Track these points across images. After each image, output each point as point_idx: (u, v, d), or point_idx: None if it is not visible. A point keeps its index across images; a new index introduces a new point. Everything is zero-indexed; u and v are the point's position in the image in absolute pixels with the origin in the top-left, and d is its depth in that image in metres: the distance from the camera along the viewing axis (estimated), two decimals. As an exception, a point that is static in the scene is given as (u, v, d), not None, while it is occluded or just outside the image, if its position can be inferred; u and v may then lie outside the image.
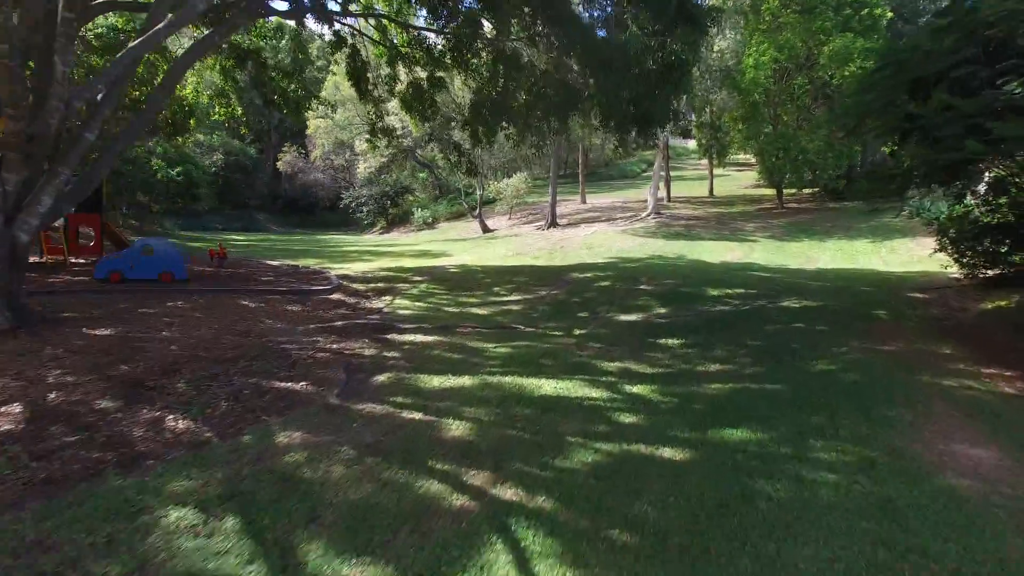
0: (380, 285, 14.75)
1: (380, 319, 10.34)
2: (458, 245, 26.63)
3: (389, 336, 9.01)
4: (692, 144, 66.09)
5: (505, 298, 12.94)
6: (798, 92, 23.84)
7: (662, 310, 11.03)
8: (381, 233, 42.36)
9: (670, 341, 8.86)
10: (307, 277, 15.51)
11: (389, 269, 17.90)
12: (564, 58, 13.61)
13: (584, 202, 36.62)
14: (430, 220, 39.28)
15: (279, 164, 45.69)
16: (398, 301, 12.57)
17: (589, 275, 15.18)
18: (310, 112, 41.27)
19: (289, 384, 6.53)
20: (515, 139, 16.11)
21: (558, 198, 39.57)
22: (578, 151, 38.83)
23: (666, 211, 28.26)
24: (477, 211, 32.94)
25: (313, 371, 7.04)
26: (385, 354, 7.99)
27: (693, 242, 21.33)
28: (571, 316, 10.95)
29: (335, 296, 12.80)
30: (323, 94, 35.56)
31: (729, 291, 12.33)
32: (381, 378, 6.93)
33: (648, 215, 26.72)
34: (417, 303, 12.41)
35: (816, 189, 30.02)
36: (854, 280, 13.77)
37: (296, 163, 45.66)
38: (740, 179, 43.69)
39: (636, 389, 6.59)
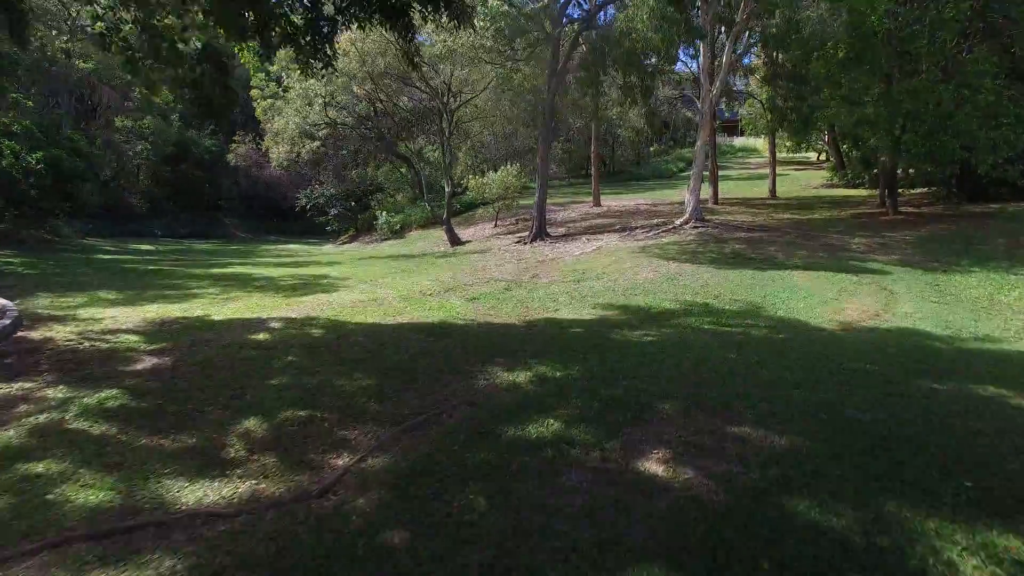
0: (13, 390, 5.90)
1: None
2: (389, 266, 17.51)
3: None
4: (739, 141, 56.16)
5: (199, 493, 3.79)
6: (940, 21, 14.05)
7: None
8: (343, 243, 33.77)
9: None
10: None
11: (165, 323, 9.02)
12: None
13: (598, 204, 27.31)
14: (398, 227, 30.41)
15: (229, 157, 37.41)
16: None
17: (525, 380, 5.88)
18: (255, 91, 32.94)
19: None
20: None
21: (564, 200, 30.43)
22: (590, 137, 29.39)
23: (714, 217, 18.66)
24: (445, 216, 23.81)
25: None
26: None
27: (767, 272, 11.78)
28: None
29: None
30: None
31: None
32: None
33: (685, 223, 17.17)
34: None
35: (932, 187, 20.02)
36: None
37: (251, 156, 37.39)
38: (800, 179, 33.81)
39: None
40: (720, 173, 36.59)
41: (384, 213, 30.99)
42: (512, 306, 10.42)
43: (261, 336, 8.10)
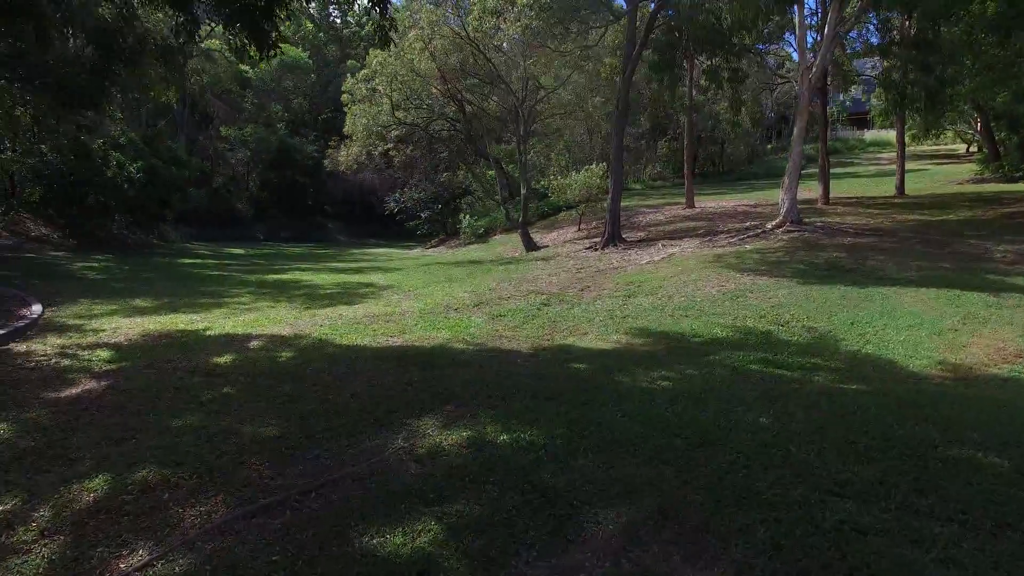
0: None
1: None
2: (444, 273, 16.43)
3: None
4: (869, 134, 50.08)
5: None
6: None
7: None
8: (432, 247, 33.42)
9: None
10: None
11: (155, 338, 8.47)
12: None
13: (691, 206, 24.73)
14: (481, 231, 29.48)
15: (325, 162, 38.42)
16: None
17: (453, 444, 4.34)
18: (345, 96, 33.39)
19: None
20: None
21: (659, 201, 28.10)
22: (699, 133, 26.90)
23: (816, 220, 15.86)
24: (520, 220, 22.46)
25: None
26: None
27: (864, 290, 9.30)
28: None
29: None
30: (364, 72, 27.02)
31: None
32: None
33: (778, 226, 14.62)
34: None
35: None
36: None
37: (339, 159, 38.18)
38: (940, 174, 28.96)
39: None
40: (844, 170, 32.46)
41: (467, 217, 30.23)
42: (536, 327, 8.85)
43: (225, 359, 7.16)
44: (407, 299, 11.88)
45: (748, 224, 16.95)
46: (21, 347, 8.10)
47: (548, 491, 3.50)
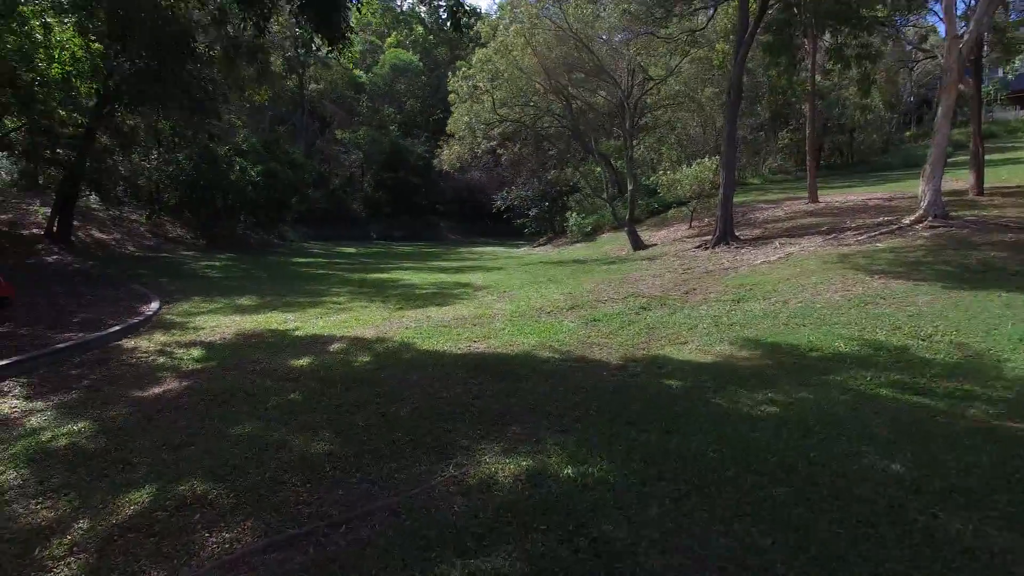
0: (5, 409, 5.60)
1: None
2: (544, 273, 15.87)
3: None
4: (1032, 116, 43.64)
5: None
6: None
7: None
8: (539, 245, 33.15)
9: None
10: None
11: (247, 337, 8.70)
12: None
13: (815, 201, 22.61)
14: (589, 229, 28.76)
15: (435, 162, 39.23)
16: None
17: (508, 476, 3.79)
18: (452, 95, 33.74)
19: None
20: None
21: (778, 196, 26.01)
22: (803, 115, 24.67)
23: (967, 213, 13.70)
24: (627, 218, 21.50)
25: None
26: None
27: (1035, 297, 7.64)
28: None
29: None
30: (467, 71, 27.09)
31: None
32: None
33: (917, 221, 12.72)
34: None
35: None
36: None
37: (442, 158, 38.87)
38: None
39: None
40: (1003, 156, 28.38)
41: (574, 215, 29.59)
42: (632, 334, 8.08)
43: (303, 361, 7.07)
44: (500, 301, 11.47)
45: (880, 219, 15.03)
46: (130, 343, 8.55)
47: (606, 548, 2.85)
